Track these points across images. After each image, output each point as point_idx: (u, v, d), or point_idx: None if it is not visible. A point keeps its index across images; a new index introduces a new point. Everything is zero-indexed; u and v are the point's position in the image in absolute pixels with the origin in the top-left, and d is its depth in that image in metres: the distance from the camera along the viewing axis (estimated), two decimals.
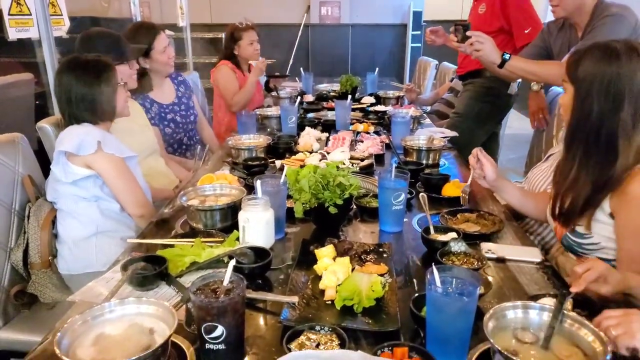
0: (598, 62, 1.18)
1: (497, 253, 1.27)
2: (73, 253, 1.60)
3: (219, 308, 0.79)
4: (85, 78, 1.60)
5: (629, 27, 1.88)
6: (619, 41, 1.21)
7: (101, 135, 1.57)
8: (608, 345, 0.80)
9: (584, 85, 1.19)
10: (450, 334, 0.86)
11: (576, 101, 1.21)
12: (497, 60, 1.99)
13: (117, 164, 1.59)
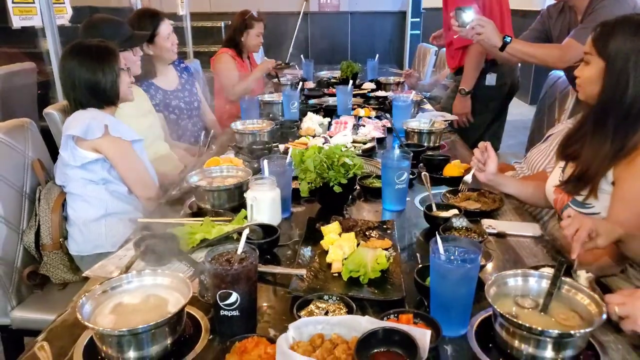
0: (632, 36, 1.20)
1: (497, 228, 1.31)
2: (83, 234, 1.63)
3: (233, 275, 0.83)
4: (89, 63, 1.63)
5: (628, 9, 1.90)
6: None
7: (108, 119, 1.60)
8: (603, 307, 0.84)
9: (618, 60, 1.21)
10: (453, 300, 0.90)
11: (609, 75, 1.23)
12: (499, 43, 2.01)
13: (124, 147, 1.62)
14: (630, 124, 1.20)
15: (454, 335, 0.90)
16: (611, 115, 1.23)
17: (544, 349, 0.83)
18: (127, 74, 1.75)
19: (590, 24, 1.90)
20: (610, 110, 1.23)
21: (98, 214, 1.63)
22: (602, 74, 1.24)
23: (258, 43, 3.20)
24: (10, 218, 1.52)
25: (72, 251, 1.66)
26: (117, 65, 1.68)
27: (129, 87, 1.76)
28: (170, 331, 0.86)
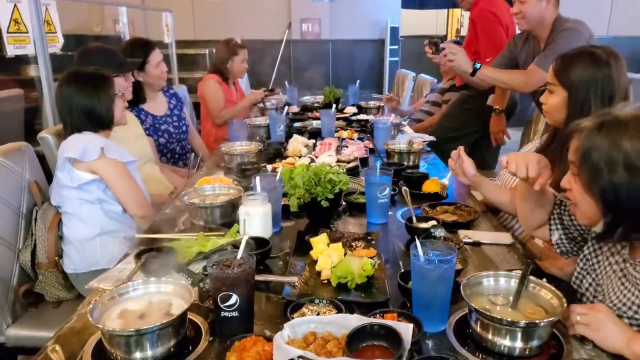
0: (589, 67, 1.34)
1: (473, 238, 1.41)
2: (79, 252, 1.68)
3: (233, 279, 0.91)
4: (85, 90, 1.71)
5: (583, 40, 2.10)
6: (598, 47, 1.40)
7: (103, 142, 1.68)
8: (564, 300, 0.95)
9: (580, 88, 1.34)
10: (433, 299, 0.99)
11: (573, 103, 1.35)
12: (469, 69, 2.18)
13: (119, 168, 1.69)
14: None
15: (434, 331, 0.99)
16: None
17: (514, 339, 0.92)
18: (121, 100, 1.83)
19: (551, 52, 2.11)
20: None
21: (94, 232, 1.68)
22: (567, 101, 1.38)
23: (243, 69, 3.33)
24: (7, 237, 1.57)
25: (67, 269, 1.70)
26: (112, 91, 1.77)
27: (122, 112, 1.84)
28: (173, 333, 0.93)
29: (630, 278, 1.04)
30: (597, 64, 1.35)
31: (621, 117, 0.97)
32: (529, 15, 2.18)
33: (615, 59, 1.36)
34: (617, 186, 0.94)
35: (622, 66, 1.36)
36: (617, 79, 1.34)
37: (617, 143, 0.94)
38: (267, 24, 6.37)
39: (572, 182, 1.05)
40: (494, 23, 2.77)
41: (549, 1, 2.15)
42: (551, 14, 2.18)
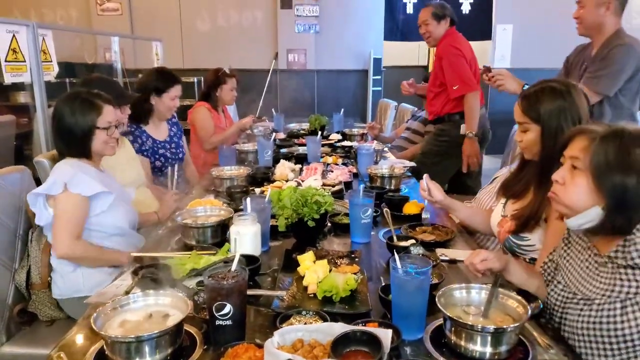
0: (555, 99, 1.47)
1: (449, 256, 1.52)
2: (63, 279, 1.69)
3: (227, 289, 0.99)
4: (70, 111, 1.68)
5: (635, 56, 2.23)
6: (557, 81, 1.54)
7: (71, 174, 1.61)
8: (527, 307, 1.05)
9: (552, 120, 1.46)
10: (411, 308, 1.08)
11: (546, 135, 1.47)
12: (518, 91, 2.29)
13: (73, 202, 1.61)
14: None
15: (412, 338, 1.08)
16: (554, 165, 1.47)
17: (484, 345, 1.01)
18: (104, 133, 1.72)
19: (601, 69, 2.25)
20: (553, 161, 1.42)
21: (72, 265, 1.68)
22: (540, 135, 1.50)
23: (232, 97, 3.45)
24: (5, 257, 1.62)
25: (54, 295, 1.71)
26: (95, 121, 1.69)
27: (106, 144, 1.75)
28: (171, 341, 1.00)
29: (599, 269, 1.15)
30: (560, 95, 1.48)
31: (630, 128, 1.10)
32: (586, 20, 2.28)
33: (574, 88, 1.50)
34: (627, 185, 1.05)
35: (580, 93, 1.50)
36: (580, 105, 1.48)
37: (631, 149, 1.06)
38: (255, 54, 6.56)
39: (567, 177, 1.15)
40: (457, 56, 3.00)
41: (608, 8, 2.21)
42: (611, 22, 2.26)
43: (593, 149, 1.10)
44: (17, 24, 2.60)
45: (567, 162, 1.17)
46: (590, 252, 1.21)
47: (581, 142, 1.14)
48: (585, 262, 1.22)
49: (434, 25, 3.09)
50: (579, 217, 1.13)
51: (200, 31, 6.66)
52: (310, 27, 6.40)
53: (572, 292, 1.21)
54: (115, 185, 1.85)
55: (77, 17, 6.76)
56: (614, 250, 1.10)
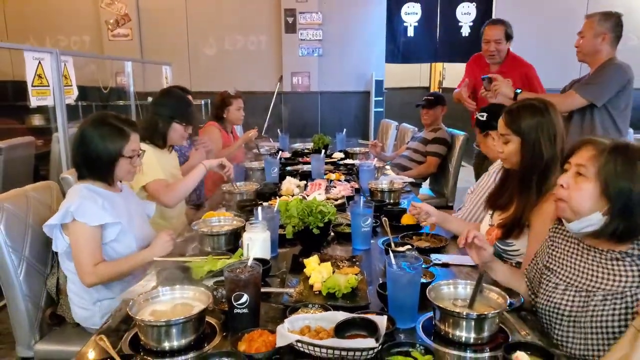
0: (535, 115, 1.65)
1: (442, 260, 1.66)
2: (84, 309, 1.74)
3: (245, 281, 1.14)
4: (96, 135, 1.70)
5: (623, 78, 2.59)
6: (538, 99, 1.73)
7: (77, 204, 1.63)
8: (507, 298, 1.20)
9: (531, 134, 1.63)
10: (404, 300, 1.23)
11: (527, 146, 1.64)
12: (511, 94, 2.65)
13: (83, 232, 1.63)
14: (546, 177, 1.62)
15: (406, 327, 1.23)
16: (534, 174, 1.64)
17: (469, 331, 1.16)
18: (128, 162, 1.75)
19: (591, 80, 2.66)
20: (532, 170, 1.64)
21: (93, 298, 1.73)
22: (520, 146, 1.67)
23: (239, 116, 3.63)
24: (39, 264, 1.78)
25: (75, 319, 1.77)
26: (121, 148, 1.72)
27: (128, 173, 1.79)
28: (195, 328, 1.15)
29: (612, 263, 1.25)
30: (539, 111, 1.66)
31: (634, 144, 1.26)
32: (585, 48, 2.67)
33: (551, 106, 1.68)
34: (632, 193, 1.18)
35: (556, 111, 1.68)
36: (556, 122, 1.65)
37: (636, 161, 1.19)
38: (260, 77, 6.81)
39: (572, 182, 1.26)
40: None
41: (604, 39, 2.62)
42: (606, 51, 2.65)
43: (602, 158, 1.21)
44: (42, 51, 2.82)
45: (573, 168, 1.27)
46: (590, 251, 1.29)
47: (588, 151, 1.25)
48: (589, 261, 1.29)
49: (504, 44, 3.21)
50: (581, 221, 1.25)
51: (208, 55, 6.93)
52: (313, 50, 6.66)
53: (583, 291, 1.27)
54: (126, 209, 1.80)
55: (89, 42, 7.06)
56: (631, 247, 1.22)
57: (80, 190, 1.69)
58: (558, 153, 1.62)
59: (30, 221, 1.78)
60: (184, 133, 2.48)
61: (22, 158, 3.62)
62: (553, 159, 1.61)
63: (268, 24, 6.76)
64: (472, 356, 1.13)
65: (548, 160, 1.61)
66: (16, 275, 1.68)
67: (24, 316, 1.70)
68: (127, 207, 1.81)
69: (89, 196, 1.68)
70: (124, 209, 1.78)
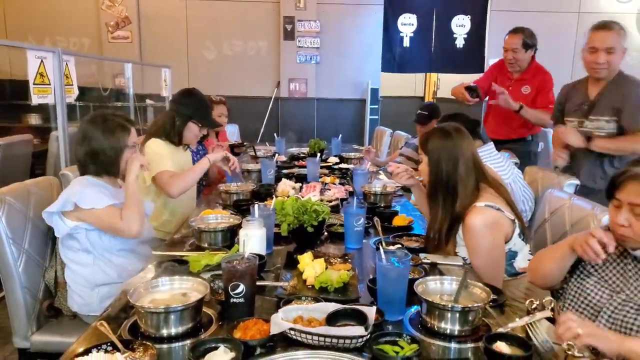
0: (440, 139, 1.80)
1: (430, 259, 1.73)
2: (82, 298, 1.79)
3: (242, 271, 1.20)
4: (99, 132, 1.79)
5: None
6: (451, 125, 1.87)
7: (79, 191, 1.72)
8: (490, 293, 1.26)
9: (434, 155, 1.78)
10: (393, 294, 1.29)
11: (431, 166, 1.79)
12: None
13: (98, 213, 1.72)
14: (451, 195, 1.75)
15: (394, 319, 1.28)
16: (439, 191, 1.78)
17: (453, 323, 1.22)
18: (130, 153, 1.85)
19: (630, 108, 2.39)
20: (437, 187, 1.79)
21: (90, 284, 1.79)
22: (428, 165, 1.81)
23: (221, 122, 3.61)
24: (38, 256, 1.82)
25: (72, 308, 1.81)
26: (124, 141, 1.82)
27: None
28: (192, 316, 1.20)
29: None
30: (445, 136, 1.80)
31: None
32: (613, 65, 2.41)
33: (458, 132, 1.81)
34: None
35: (464, 137, 1.80)
36: (460, 147, 1.77)
37: None
38: (258, 82, 6.88)
39: (632, 220, 1.25)
40: None
41: (624, 53, 2.42)
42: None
43: None
44: (45, 50, 2.88)
45: (626, 207, 1.27)
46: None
47: (636, 187, 1.24)
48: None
49: (522, 53, 3.19)
50: None
51: (207, 59, 6.99)
52: (311, 57, 6.75)
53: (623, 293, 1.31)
54: None
55: (89, 44, 7.10)
56: None
57: (81, 180, 1.79)
58: (463, 175, 1.74)
59: (31, 215, 1.83)
60: (198, 134, 2.60)
61: (19, 156, 3.65)
62: (457, 178, 1.74)
63: (267, 30, 6.84)
64: (456, 346, 1.18)
65: (451, 181, 1.75)
66: (16, 266, 1.72)
67: (22, 307, 1.74)
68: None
69: (90, 185, 1.76)
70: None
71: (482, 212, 1.70)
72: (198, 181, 2.78)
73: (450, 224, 1.75)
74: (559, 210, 2.04)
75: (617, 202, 1.29)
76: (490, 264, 1.71)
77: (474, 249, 1.71)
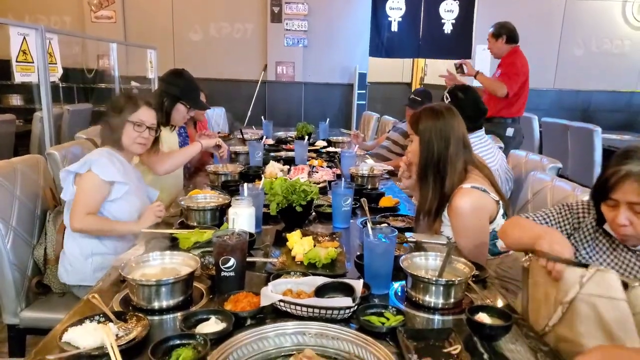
0: (431, 119, 1.81)
1: (416, 238, 1.77)
2: (72, 266, 1.82)
3: (232, 246, 1.22)
4: (112, 103, 1.95)
5: None
6: (441, 104, 1.90)
7: (97, 158, 1.78)
8: (473, 268, 1.30)
9: (425, 134, 1.80)
10: (379, 268, 1.33)
11: (422, 145, 1.81)
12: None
13: (93, 181, 1.76)
14: (441, 175, 1.79)
15: (380, 293, 1.32)
16: (429, 170, 1.81)
17: (437, 296, 1.26)
18: (133, 129, 1.89)
19: None
20: (427, 167, 1.81)
21: (86, 252, 1.82)
22: (419, 145, 1.82)
23: None
24: (25, 234, 1.82)
25: (62, 279, 1.84)
26: (125, 116, 1.88)
27: (134, 141, 1.91)
28: (183, 289, 1.22)
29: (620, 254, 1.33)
30: (436, 115, 1.82)
31: None
32: None
33: (449, 111, 1.83)
34: None
35: (454, 116, 1.83)
36: (451, 125, 1.80)
37: None
38: (245, 65, 6.82)
39: (633, 218, 1.22)
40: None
41: None
42: None
43: None
44: (27, 27, 2.83)
45: (624, 206, 1.22)
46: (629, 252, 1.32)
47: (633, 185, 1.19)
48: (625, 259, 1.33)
49: (493, 42, 3.94)
50: None
51: (193, 41, 6.90)
52: (299, 41, 6.70)
53: None
54: (136, 182, 1.94)
55: (70, 23, 6.94)
56: None
57: (101, 151, 1.87)
58: (453, 155, 1.78)
59: (17, 192, 1.82)
60: (186, 115, 2.61)
61: (2, 135, 3.60)
62: (448, 158, 1.78)
63: (254, 12, 6.77)
64: (439, 318, 1.23)
65: (442, 160, 1.78)
66: (3, 243, 1.72)
67: (11, 284, 1.75)
68: (136, 181, 1.93)
69: (108, 156, 1.83)
70: (134, 179, 1.92)
71: (468, 193, 1.74)
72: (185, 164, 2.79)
73: (439, 204, 1.79)
74: (541, 191, 2.10)
75: (613, 202, 1.25)
76: (475, 244, 1.76)
77: (459, 229, 1.75)
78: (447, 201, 1.78)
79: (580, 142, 4.75)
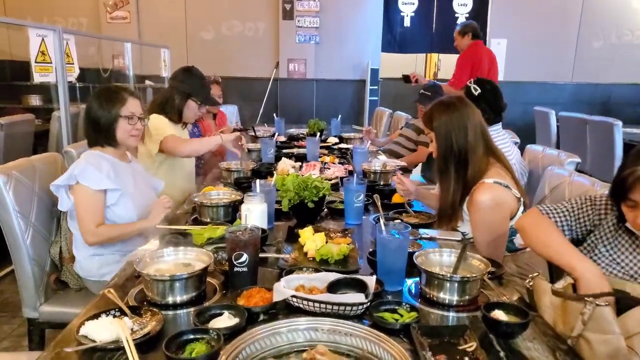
0: (444, 113, 1.80)
1: (429, 234, 1.76)
2: (81, 264, 1.87)
3: (245, 241, 1.23)
4: (96, 102, 1.84)
5: None
6: (452, 96, 1.89)
7: (82, 170, 1.74)
8: (489, 265, 1.29)
9: (442, 129, 1.79)
10: (392, 265, 1.32)
11: (441, 141, 1.79)
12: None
13: (86, 194, 1.75)
14: (463, 165, 1.77)
15: (393, 290, 1.32)
16: (450, 163, 1.79)
17: (452, 293, 1.25)
18: (126, 122, 1.85)
19: None
20: (448, 160, 1.79)
21: (88, 253, 1.85)
22: (436, 139, 1.81)
23: None
24: (44, 230, 1.86)
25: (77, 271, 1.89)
26: (118, 110, 1.83)
27: (129, 135, 1.88)
28: (196, 285, 1.23)
29: None
30: (448, 108, 1.81)
31: None
32: None
33: (461, 101, 1.82)
34: None
35: (467, 105, 1.81)
36: (466, 115, 1.78)
37: None
38: (257, 62, 6.84)
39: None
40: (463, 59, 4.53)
41: None
42: None
43: None
44: (45, 28, 2.87)
45: None
46: None
47: None
48: None
49: (459, 39, 4.54)
50: None
51: (205, 40, 6.94)
52: (310, 37, 6.69)
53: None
54: (131, 181, 1.91)
55: (87, 24, 7.03)
56: None
57: (88, 155, 1.81)
58: (473, 142, 1.76)
59: (36, 189, 1.85)
60: (197, 112, 2.64)
61: (21, 135, 3.67)
62: (468, 147, 1.76)
63: (265, 10, 6.77)
64: (454, 315, 1.22)
65: (462, 150, 1.76)
66: (23, 239, 1.75)
67: (30, 279, 1.78)
68: (133, 177, 1.92)
69: (95, 162, 1.79)
70: (130, 177, 1.89)
71: (489, 188, 1.71)
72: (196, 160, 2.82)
73: (462, 194, 1.77)
74: (559, 187, 2.07)
75: (632, 202, 1.25)
76: (493, 239, 1.73)
77: (478, 224, 1.73)
78: (469, 193, 1.75)
79: (599, 137, 4.65)
